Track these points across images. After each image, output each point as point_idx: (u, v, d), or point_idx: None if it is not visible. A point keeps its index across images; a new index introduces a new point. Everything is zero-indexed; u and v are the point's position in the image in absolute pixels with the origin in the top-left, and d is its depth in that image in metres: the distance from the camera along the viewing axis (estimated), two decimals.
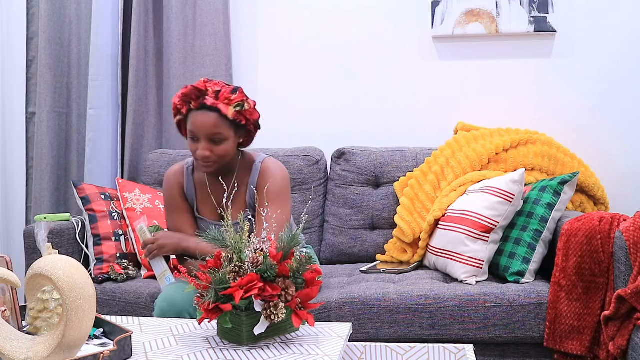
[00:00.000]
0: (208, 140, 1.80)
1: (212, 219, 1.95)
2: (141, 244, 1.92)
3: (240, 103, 1.81)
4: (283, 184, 1.90)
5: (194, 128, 1.80)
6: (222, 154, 1.82)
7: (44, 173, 2.88)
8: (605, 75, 2.67)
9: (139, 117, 2.89)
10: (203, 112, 1.79)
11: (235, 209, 1.90)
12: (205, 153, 1.80)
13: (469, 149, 2.44)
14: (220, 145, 1.81)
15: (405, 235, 2.37)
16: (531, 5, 2.66)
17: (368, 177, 2.57)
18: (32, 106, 2.97)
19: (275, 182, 1.88)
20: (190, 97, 1.81)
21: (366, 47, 2.84)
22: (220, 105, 1.78)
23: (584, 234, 1.90)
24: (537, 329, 1.90)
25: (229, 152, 1.84)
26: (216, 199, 1.96)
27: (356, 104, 2.84)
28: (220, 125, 1.79)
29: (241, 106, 1.81)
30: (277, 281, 1.39)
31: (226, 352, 1.36)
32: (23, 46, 2.98)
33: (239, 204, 1.93)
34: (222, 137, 1.80)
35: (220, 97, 1.79)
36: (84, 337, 1.21)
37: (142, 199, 2.46)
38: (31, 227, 2.27)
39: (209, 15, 2.84)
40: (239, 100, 1.81)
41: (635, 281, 1.67)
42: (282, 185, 1.89)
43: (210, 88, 1.80)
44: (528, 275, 2.04)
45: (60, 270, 1.17)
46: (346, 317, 1.94)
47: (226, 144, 1.82)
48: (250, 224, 1.87)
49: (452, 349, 1.56)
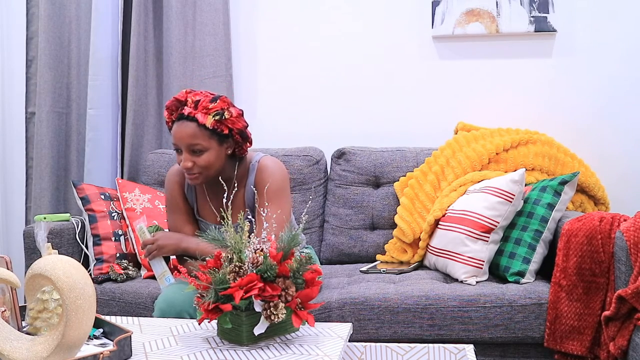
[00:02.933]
0: (189, 151, 1.78)
1: (212, 222, 1.94)
2: (140, 244, 1.92)
3: (219, 112, 1.77)
4: (282, 182, 1.87)
5: (174, 140, 1.79)
6: (205, 165, 1.79)
7: (43, 173, 2.88)
8: (605, 75, 2.67)
9: (139, 117, 2.89)
10: (182, 122, 1.78)
11: (235, 210, 1.89)
12: (187, 164, 1.78)
13: (469, 149, 2.44)
14: (202, 156, 1.78)
15: (405, 235, 2.37)
16: (531, 5, 2.66)
17: (368, 177, 2.57)
18: (31, 106, 2.97)
19: (274, 181, 1.85)
20: (171, 108, 1.80)
21: (366, 46, 2.84)
22: (197, 115, 1.76)
23: (585, 234, 1.90)
24: (538, 329, 1.90)
25: (212, 163, 1.80)
26: (215, 203, 1.94)
27: (356, 104, 2.84)
28: (199, 135, 1.76)
29: (220, 115, 1.77)
30: (277, 281, 1.39)
31: (226, 352, 1.36)
32: (23, 46, 2.98)
33: (238, 206, 1.91)
34: (201, 147, 1.77)
35: (198, 106, 1.76)
36: (83, 337, 1.21)
37: (142, 199, 2.46)
38: (31, 227, 2.27)
39: (209, 15, 2.84)
40: (218, 108, 1.77)
41: (636, 281, 1.67)
42: (281, 184, 1.87)
43: (190, 98, 1.78)
44: (528, 276, 2.03)
45: (60, 271, 1.17)
46: (346, 317, 1.94)
47: (208, 154, 1.79)
48: (250, 224, 1.87)
49: (453, 349, 1.56)
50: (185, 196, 1.99)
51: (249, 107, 2.94)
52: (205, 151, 1.78)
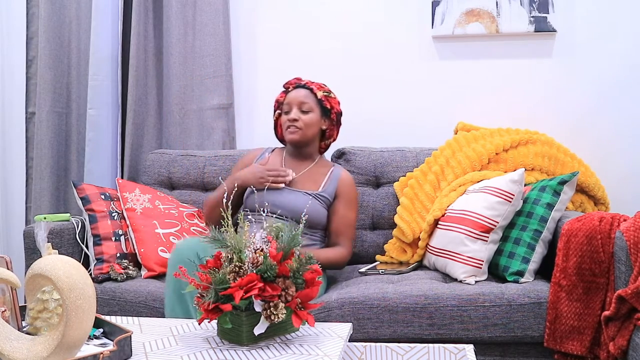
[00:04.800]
0: (299, 109, 2.23)
1: None
2: None
3: (328, 91, 2.29)
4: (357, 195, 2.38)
5: (289, 100, 2.25)
6: (307, 122, 2.23)
7: (43, 173, 2.88)
8: (605, 75, 2.67)
9: (139, 117, 2.89)
10: (299, 89, 2.28)
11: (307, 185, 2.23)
12: (295, 116, 2.22)
13: (469, 149, 2.44)
14: (307, 115, 2.23)
15: (405, 235, 2.37)
16: (531, 5, 2.66)
17: (368, 177, 2.57)
18: (31, 106, 2.97)
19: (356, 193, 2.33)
20: (289, 83, 2.31)
21: (366, 47, 2.84)
22: (313, 86, 2.27)
23: (584, 234, 1.90)
24: (537, 329, 1.90)
25: (312, 124, 2.24)
26: None
27: (356, 104, 2.84)
28: (310, 98, 2.25)
29: (328, 93, 2.29)
30: (277, 281, 1.39)
31: (226, 352, 1.36)
32: (23, 46, 2.98)
33: (312, 184, 2.25)
34: (309, 107, 2.23)
35: (314, 83, 2.29)
36: (83, 337, 1.21)
37: (142, 199, 2.46)
38: (31, 227, 2.27)
39: (209, 15, 2.84)
40: (328, 90, 2.30)
41: (636, 281, 1.67)
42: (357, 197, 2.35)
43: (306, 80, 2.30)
44: (527, 275, 2.04)
45: (60, 271, 1.17)
46: (346, 317, 1.94)
47: (312, 115, 2.24)
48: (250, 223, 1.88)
49: (452, 349, 1.56)
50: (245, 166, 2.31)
51: (249, 107, 2.95)
52: (310, 112, 2.24)
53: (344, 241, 2.23)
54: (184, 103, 2.88)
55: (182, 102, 2.88)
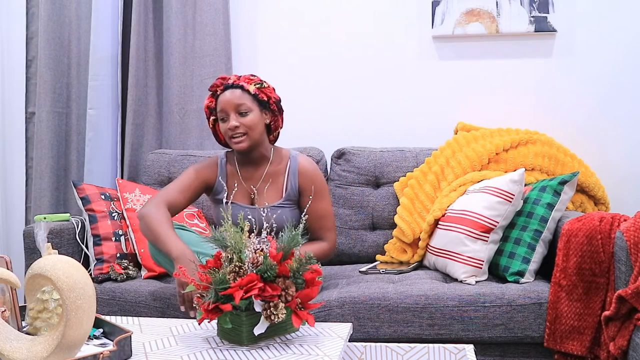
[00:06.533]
0: (236, 113, 2.02)
1: (243, 203, 2.10)
2: None
3: (259, 82, 2.07)
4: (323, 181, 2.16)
5: (222, 106, 2.03)
6: (250, 125, 2.02)
7: (43, 173, 2.88)
8: (605, 75, 2.67)
9: (139, 117, 2.89)
10: (229, 90, 2.04)
11: (270, 197, 2.08)
12: (234, 124, 2.00)
13: (469, 149, 2.44)
14: (247, 117, 2.02)
15: (405, 235, 2.37)
16: (531, 5, 2.66)
17: (368, 177, 2.57)
18: (31, 106, 2.97)
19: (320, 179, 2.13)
20: (216, 84, 2.07)
21: (366, 47, 2.84)
22: (242, 83, 2.04)
23: (585, 234, 1.90)
24: (537, 329, 1.90)
25: (255, 124, 2.03)
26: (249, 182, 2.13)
27: (356, 104, 2.84)
28: (244, 97, 2.03)
29: (260, 84, 2.07)
30: (277, 281, 1.39)
31: (226, 352, 1.36)
32: (22, 46, 2.98)
33: (274, 192, 2.10)
34: (246, 107, 2.02)
35: (241, 78, 2.07)
36: (83, 337, 1.21)
37: (142, 199, 2.46)
38: (31, 227, 2.27)
39: (209, 15, 2.84)
40: (257, 80, 2.08)
41: (636, 281, 1.67)
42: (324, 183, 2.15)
43: (232, 76, 2.09)
44: (528, 275, 2.03)
45: (60, 271, 1.17)
46: (346, 317, 1.94)
47: (252, 115, 2.03)
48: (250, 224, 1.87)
49: (452, 349, 1.56)
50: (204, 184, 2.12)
51: None
52: (249, 112, 2.03)
53: (324, 234, 2.11)
54: (184, 103, 2.88)
55: (182, 102, 2.88)
